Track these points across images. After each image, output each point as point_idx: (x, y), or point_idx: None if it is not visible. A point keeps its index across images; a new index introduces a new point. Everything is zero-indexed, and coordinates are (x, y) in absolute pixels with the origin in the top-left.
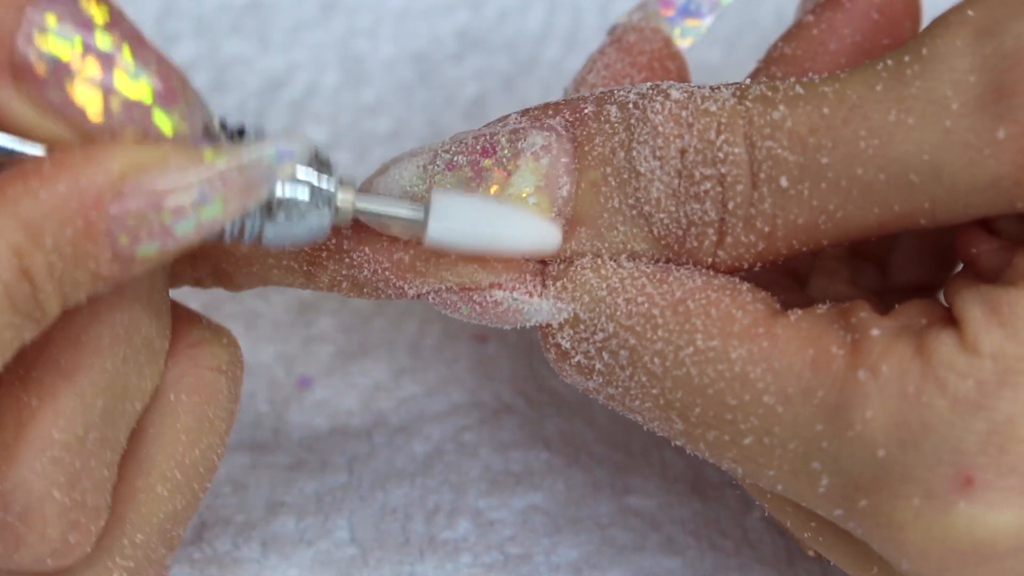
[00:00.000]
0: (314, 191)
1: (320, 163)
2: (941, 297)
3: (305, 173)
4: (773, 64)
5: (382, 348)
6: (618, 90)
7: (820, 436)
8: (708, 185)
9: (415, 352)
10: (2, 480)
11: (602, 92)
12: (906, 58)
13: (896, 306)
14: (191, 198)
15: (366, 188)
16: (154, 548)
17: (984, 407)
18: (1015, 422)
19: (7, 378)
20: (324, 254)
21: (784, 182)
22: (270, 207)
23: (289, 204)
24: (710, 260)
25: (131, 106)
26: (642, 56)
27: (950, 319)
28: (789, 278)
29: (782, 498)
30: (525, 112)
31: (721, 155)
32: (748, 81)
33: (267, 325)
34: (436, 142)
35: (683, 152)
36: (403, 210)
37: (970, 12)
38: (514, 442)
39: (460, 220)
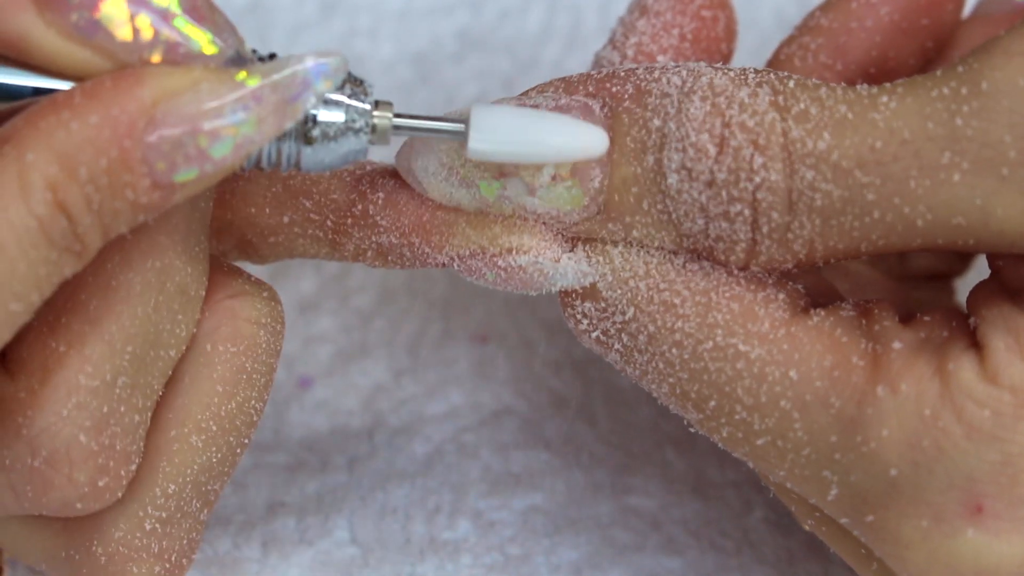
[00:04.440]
0: (350, 111)
1: (355, 83)
2: (959, 300)
3: (340, 94)
4: (807, 33)
5: (382, 348)
6: (661, 72)
7: (834, 447)
8: (739, 207)
9: (415, 353)
10: (29, 425)
11: (645, 72)
12: (963, 90)
13: (919, 315)
14: (225, 120)
15: (405, 148)
16: (188, 500)
17: (999, 438)
18: None
19: (35, 324)
20: (350, 220)
21: (825, 215)
22: (306, 131)
23: (325, 126)
24: (739, 268)
25: (159, 24)
26: (693, 4)
27: (972, 338)
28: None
29: (790, 489)
30: (567, 83)
31: (757, 179)
32: (789, 82)
33: None
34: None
35: (713, 171)
36: (443, 124)
37: None
38: (514, 443)
39: (502, 129)
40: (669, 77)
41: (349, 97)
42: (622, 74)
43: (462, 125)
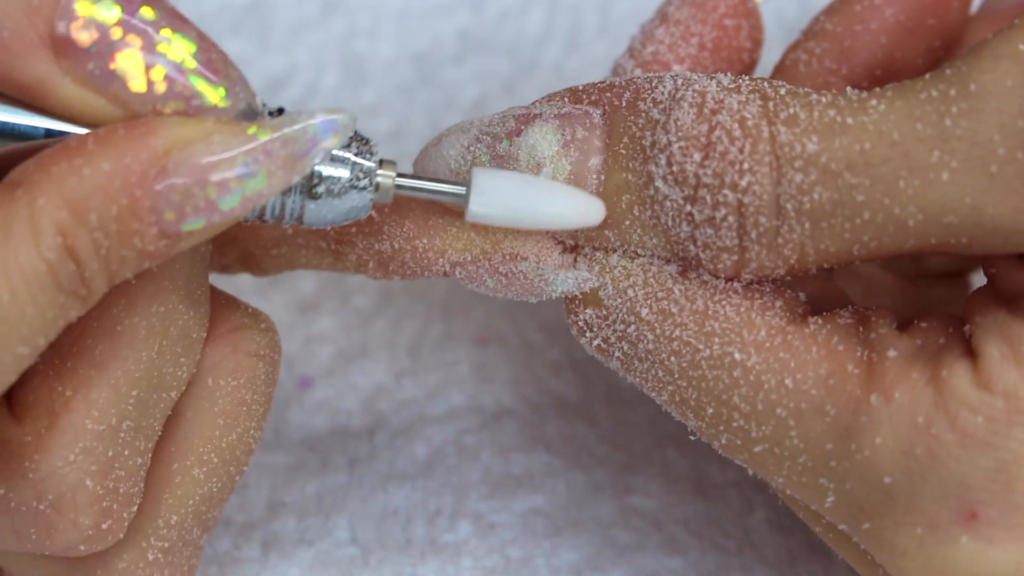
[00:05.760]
0: (355, 168)
1: (360, 141)
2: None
3: (346, 151)
4: (812, 38)
5: (383, 349)
6: (658, 80)
7: (829, 455)
8: (723, 212)
9: (415, 354)
10: (35, 469)
11: (643, 80)
12: (952, 92)
13: (916, 322)
14: (236, 172)
15: (421, 157)
16: (189, 529)
17: (992, 445)
18: (1022, 462)
19: (42, 368)
20: (354, 228)
21: (815, 218)
22: (311, 186)
23: (330, 182)
24: (731, 278)
25: (173, 77)
26: (715, 12)
27: (967, 345)
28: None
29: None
30: (573, 93)
31: (743, 184)
32: (781, 89)
33: None
34: (484, 118)
35: (699, 175)
36: (444, 187)
37: (1022, 47)
38: (515, 445)
39: (501, 196)
40: (664, 85)
41: (355, 155)
42: (623, 83)
43: (463, 188)
